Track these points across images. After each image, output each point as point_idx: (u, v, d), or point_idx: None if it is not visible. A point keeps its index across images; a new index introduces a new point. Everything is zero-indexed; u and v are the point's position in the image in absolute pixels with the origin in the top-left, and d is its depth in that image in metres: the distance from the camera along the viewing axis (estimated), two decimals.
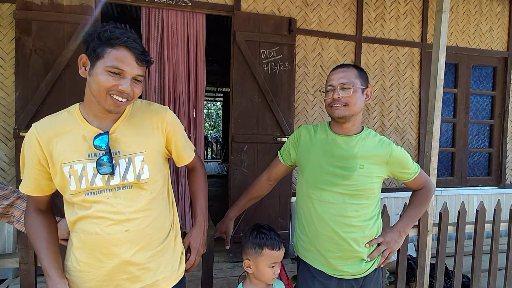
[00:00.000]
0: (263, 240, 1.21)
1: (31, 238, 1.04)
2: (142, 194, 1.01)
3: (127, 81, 0.93)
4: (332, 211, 1.23)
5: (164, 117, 1.08)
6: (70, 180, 0.95)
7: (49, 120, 1.01)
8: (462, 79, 3.61)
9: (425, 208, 1.43)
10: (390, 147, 1.29)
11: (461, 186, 3.66)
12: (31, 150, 0.98)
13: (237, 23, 2.80)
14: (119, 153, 0.99)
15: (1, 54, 2.45)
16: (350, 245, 1.23)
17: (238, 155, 2.85)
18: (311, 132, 1.35)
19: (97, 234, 0.96)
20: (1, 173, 2.49)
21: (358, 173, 1.23)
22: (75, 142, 0.97)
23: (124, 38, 0.91)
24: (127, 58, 0.92)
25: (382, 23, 3.30)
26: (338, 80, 1.23)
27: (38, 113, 2.39)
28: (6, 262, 1.42)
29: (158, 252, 1.05)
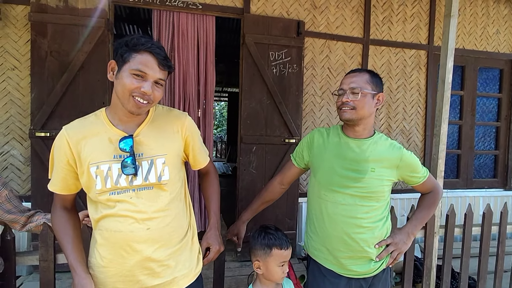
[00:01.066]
0: (271, 241, 1.24)
1: (58, 235, 1.11)
2: (162, 195, 1.06)
3: (149, 84, 0.99)
4: (343, 213, 1.26)
5: (184, 122, 1.15)
6: (96, 180, 1.01)
7: (78, 123, 1.08)
8: (469, 81, 3.62)
9: (433, 211, 1.46)
10: (401, 152, 1.32)
11: (466, 188, 3.68)
12: (60, 151, 1.04)
13: (246, 25, 2.84)
14: (142, 155, 1.05)
15: (17, 56, 2.51)
16: (359, 245, 1.26)
17: (247, 156, 2.89)
18: (324, 135, 1.39)
19: (120, 231, 1.01)
20: (17, 172, 2.55)
21: (369, 176, 1.26)
22: (102, 144, 1.03)
23: (149, 44, 0.99)
24: (150, 62, 0.99)
25: (390, 25, 3.32)
26: (349, 84, 1.27)
27: (53, 114, 2.45)
28: (26, 260, 1.46)
29: (176, 250, 1.10)
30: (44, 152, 2.44)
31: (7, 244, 1.36)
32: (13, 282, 1.40)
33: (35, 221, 1.38)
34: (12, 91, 2.51)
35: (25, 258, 1.46)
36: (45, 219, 1.39)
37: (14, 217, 1.31)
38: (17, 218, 1.32)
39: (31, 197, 2.47)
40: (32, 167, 2.46)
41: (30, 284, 2.44)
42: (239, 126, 2.94)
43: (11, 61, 2.50)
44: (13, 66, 2.50)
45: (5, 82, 2.50)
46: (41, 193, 2.46)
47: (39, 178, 2.46)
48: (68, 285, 2.44)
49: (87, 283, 1.04)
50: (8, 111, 2.50)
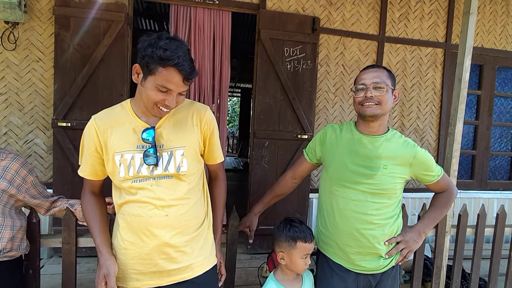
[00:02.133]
0: (296, 233, 1.26)
1: (86, 217, 1.19)
2: (181, 184, 1.12)
3: (173, 98, 1.03)
4: (354, 208, 1.27)
5: (204, 115, 1.18)
6: (120, 167, 1.07)
7: (106, 113, 1.14)
8: (487, 80, 3.55)
9: (446, 211, 1.44)
10: (415, 149, 1.31)
11: (481, 189, 3.63)
12: (90, 139, 1.11)
13: (262, 21, 2.87)
14: (162, 147, 1.10)
15: (41, 48, 2.61)
16: (369, 241, 1.27)
17: (259, 151, 2.93)
18: (337, 131, 1.39)
19: (140, 216, 1.07)
20: (40, 160, 2.67)
21: (382, 173, 1.26)
22: (127, 134, 1.09)
23: (175, 60, 0.96)
24: (175, 78, 1.00)
25: (406, 23, 3.29)
26: (372, 79, 1.25)
27: (74, 105, 2.54)
28: (50, 242, 1.54)
29: (193, 238, 1.14)
30: (66, 142, 2.54)
31: (33, 226, 1.44)
32: (37, 263, 1.48)
33: (58, 206, 1.45)
34: (36, 82, 2.61)
35: (49, 240, 1.54)
36: (68, 204, 1.45)
37: (39, 202, 1.38)
38: (42, 203, 1.39)
39: (53, 184, 2.58)
40: (54, 156, 2.57)
41: (51, 266, 2.56)
42: (252, 121, 2.97)
43: (36, 53, 2.60)
44: (38, 58, 2.61)
45: (30, 73, 2.60)
46: (62, 181, 2.57)
47: (60, 166, 2.56)
48: (85, 269, 2.55)
49: (111, 264, 1.10)
50: (33, 101, 2.61)
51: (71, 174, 2.57)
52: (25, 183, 1.30)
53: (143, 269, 1.10)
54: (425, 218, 1.42)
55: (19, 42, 2.56)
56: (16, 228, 1.29)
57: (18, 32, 2.55)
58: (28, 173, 1.32)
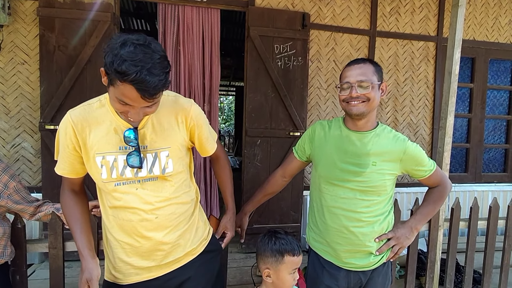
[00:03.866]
0: (283, 246, 1.16)
1: (67, 218, 1.14)
2: (166, 185, 1.09)
3: (136, 112, 0.93)
4: (343, 206, 1.26)
5: (188, 112, 1.12)
6: (102, 169, 1.02)
7: (83, 110, 1.05)
8: (479, 73, 3.54)
9: (439, 206, 1.41)
10: (405, 144, 1.27)
11: (475, 182, 3.63)
12: (66, 137, 1.04)
13: (251, 18, 2.83)
14: (146, 148, 1.05)
15: (26, 50, 2.57)
16: (359, 239, 1.25)
17: (252, 149, 2.91)
18: (325, 128, 1.37)
19: (131, 221, 1.05)
20: (28, 164, 2.63)
21: (371, 170, 1.23)
22: (108, 134, 1.03)
23: (132, 75, 0.82)
24: (133, 95, 0.87)
25: (397, 17, 3.27)
26: (356, 77, 1.20)
27: (62, 107, 2.50)
28: (36, 247, 1.52)
29: (185, 231, 1.15)
30: (54, 145, 2.49)
31: (18, 232, 1.42)
32: (24, 269, 1.45)
33: (44, 210, 1.42)
34: (22, 85, 2.57)
35: (36, 245, 1.52)
36: (53, 208, 1.43)
37: (23, 207, 1.35)
38: (26, 208, 1.36)
39: (42, 188, 2.55)
40: (43, 159, 2.53)
41: (42, 271, 2.53)
42: (244, 119, 2.95)
43: (21, 55, 2.56)
44: (23, 61, 2.56)
45: (16, 76, 2.56)
46: (52, 184, 2.54)
47: (49, 169, 2.52)
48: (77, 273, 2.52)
49: (94, 267, 1.08)
50: (19, 105, 2.57)
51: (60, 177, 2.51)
52: (7, 189, 1.28)
53: (142, 265, 1.10)
54: (417, 214, 1.39)
55: (3, 45, 2.51)
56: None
57: (3, 34, 2.51)
58: (10, 179, 1.29)
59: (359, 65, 1.23)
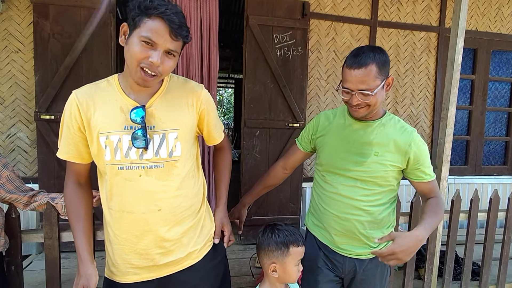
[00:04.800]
0: (287, 238, 1.13)
1: (69, 215, 1.07)
2: (173, 173, 1.01)
3: (157, 54, 0.89)
4: (343, 193, 1.24)
5: (199, 96, 1.07)
6: (106, 150, 0.96)
7: (89, 88, 1.00)
8: (481, 64, 3.50)
9: (441, 218, 1.23)
10: (412, 136, 1.20)
11: (475, 174, 3.61)
12: (71, 117, 0.98)
13: (250, 6, 2.78)
14: (153, 128, 0.99)
15: (20, 38, 2.51)
16: (355, 226, 1.23)
17: (250, 140, 2.88)
18: (330, 117, 1.34)
19: (131, 213, 0.98)
20: (24, 154, 2.60)
21: (372, 160, 1.19)
22: (113, 113, 0.97)
23: (162, 9, 0.87)
24: (161, 30, 0.88)
25: (399, 6, 3.21)
26: (356, 85, 1.11)
27: (57, 97, 2.46)
28: (31, 237, 1.50)
29: (190, 228, 1.07)
30: (50, 135, 2.47)
31: (12, 222, 1.39)
32: (19, 259, 1.43)
33: (38, 200, 1.40)
34: (16, 74, 2.52)
35: (30, 235, 1.50)
36: (48, 198, 1.40)
37: (16, 196, 1.32)
38: (19, 198, 1.33)
39: (38, 179, 2.52)
40: (39, 149, 2.50)
41: (39, 262, 2.51)
42: (243, 110, 2.91)
43: (15, 43, 2.50)
44: (17, 49, 2.51)
45: (10, 65, 2.51)
46: (48, 175, 2.51)
47: (46, 160, 2.50)
48: (75, 264, 2.51)
49: (92, 274, 1.03)
50: (14, 94, 2.53)
51: (56, 168, 2.50)
52: (0, 178, 1.25)
53: (140, 264, 1.03)
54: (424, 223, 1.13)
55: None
56: None
57: None
58: (2, 168, 1.26)
59: (360, 70, 1.09)
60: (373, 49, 1.13)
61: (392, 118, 1.26)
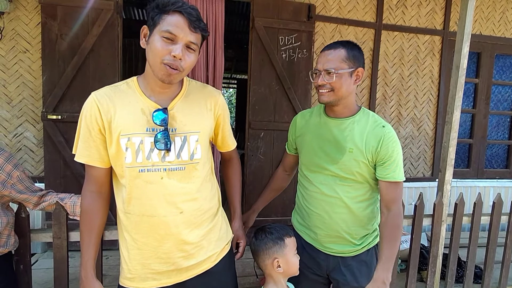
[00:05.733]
0: (279, 232, 1.20)
1: (83, 224, 1.04)
2: (194, 175, 1.02)
3: (179, 47, 0.91)
4: (323, 191, 1.25)
5: (217, 100, 1.10)
6: (126, 152, 0.95)
7: (109, 90, 1.00)
8: (484, 68, 3.51)
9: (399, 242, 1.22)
10: (383, 131, 1.18)
11: (477, 178, 3.62)
12: (92, 119, 0.96)
13: (256, 9, 2.79)
14: (175, 131, 0.99)
15: (28, 39, 2.53)
16: (338, 225, 1.25)
17: (255, 142, 2.89)
18: (306, 116, 1.37)
19: (152, 216, 0.98)
20: (31, 154, 2.61)
21: (347, 157, 1.20)
22: (134, 115, 0.97)
23: (179, 3, 0.92)
24: (180, 23, 0.91)
25: (404, 9, 3.22)
26: (323, 64, 1.16)
27: (64, 97, 2.48)
28: (40, 237, 1.52)
29: (209, 230, 1.08)
30: (56, 135, 2.49)
31: (22, 221, 1.41)
32: (28, 258, 1.45)
33: (47, 200, 1.41)
34: (24, 73, 2.54)
35: (40, 235, 1.52)
36: (57, 198, 1.42)
37: (27, 196, 1.33)
38: (29, 198, 1.34)
39: (45, 178, 2.53)
40: (45, 149, 2.52)
41: (45, 261, 2.53)
42: (247, 112, 2.93)
43: (23, 43, 2.52)
44: (25, 49, 2.53)
45: (17, 64, 2.53)
46: (54, 174, 2.53)
47: (52, 159, 2.51)
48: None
49: None
50: (21, 94, 2.54)
51: (63, 167, 2.52)
52: (11, 178, 1.26)
53: (160, 268, 1.02)
54: (383, 261, 1.17)
55: (4, 33, 2.47)
56: (3, 224, 1.25)
57: (4, 22, 2.47)
58: (13, 168, 1.28)
59: (329, 51, 1.17)
60: (347, 42, 1.20)
61: (367, 114, 1.26)
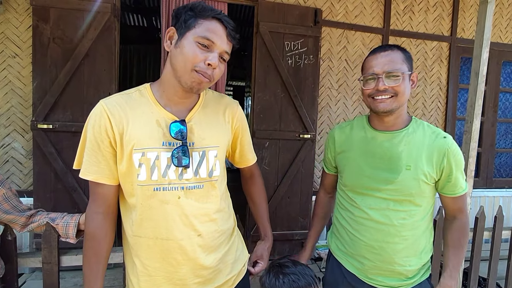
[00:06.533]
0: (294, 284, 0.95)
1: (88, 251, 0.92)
2: (213, 194, 0.93)
3: (215, 55, 0.84)
4: (374, 218, 1.09)
5: (235, 112, 1.01)
6: (140, 169, 0.84)
7: (120, 98, 0.89)
8: (492, 75, 3.44)
9: (465, 249, 1.15)
10: (446, 143, 1.05)
11: (486, 187, 3.52)
12: (101, 130, 0.85)
13: (261, 13, 2.68)
14: (193, 145, 0.89)
15: (18, 43, 2.37)
16: (390, 256, 1.09)
17: (259, 152, 2.75)
18: (346, 131, 1.21)
19: (168, 239, 0.87)
20: (19, 166, 2.42)
21: (405, 176, 1.05)
22: (149, 127, 0.86)
23: (218, 11, 0.86)
24: (219, 30, 0.85)
25: (411, 15, 3.14)
26: (383, 66, 1.02)
27: (56, 105, 2.31)
28: (28, 261, 1.37)
29: (226, 252, 0.98)
30: (47, 145, 2.31)
31: (8, 245, 1.27)
32: (15, 284, 1.30)
33: (37, 221, 1.27)
34: (13, 80, 2.37)
35: (28, 259, 1.37)
36: (48, 218, 1.27)
37: (13, 217, 1.19)
38: (16, 219, 1.20)
39: (34, 193, 2.35)
40: (34, 161, 2.33)
41: (33, 282, 2.34)
42: (251, 120, 2.79)
43: (12, 48, 2.35)
44: (14, 54, 2.36)
45: (6, 70, 2.36)
46: (44, 188, 2.34)
47: (41, 172, 2.33)
48: (72, 284, 2.33)
49: None
50: (9, 101, 2.37)
51: (53, 180, 2.34)
52: None
53: None
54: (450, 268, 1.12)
55: None
56: None
57: None
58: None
59: (386, 52, 1.04)
60: (396, 45, 1.10)
61: (421, 123, 1.12)
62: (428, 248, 1.16)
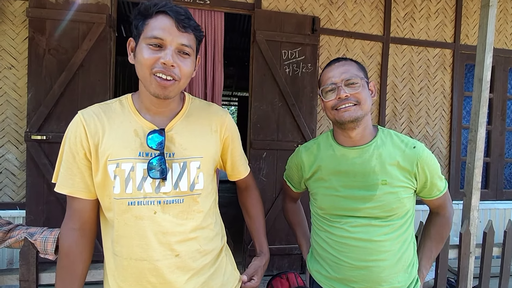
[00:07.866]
0: None
1: (61, 270, 0.86)
2: (194, 210, 0.86)
3: (169, 52, 0.78)
4: (356, 236, 1.01)
5: (224, 120, 0.95)
6: (115, 181, 0.80)
7: (98, 108, 0.86)
8: (498, 83, 3.33)
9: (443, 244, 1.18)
10: (417, 151, 1.02)
11: (496, 199, 3.37)
12: (76, 141, 0.82)
13: (257, 21, 2.65)
14: (173, 156, 0.84)
15: (14, 54, 2.37)
16: (379, 275, 1.01)
17: (257, 163, 2.68)
18: (312, 150, 1.13)
19: (142, 260, 0.80)
20: (12, 177, 2.40)
21: (382, 191, 0.99)
22: (125, 137, 0.82)
23: (162, 3, 0.80)
24: (166, 24, 0.78)
25: (412, 22, 3.08)
26: (340, 75, 1.00)
27: (50, 116, 2.29)
28: (5, 279, 1.31)
29: (211, 275, 0.89)
30: (40, 157, 2.28)
31: None
32: None
33: (15, 236, 1.22)
34: (8, 91, 2.37)
35: (4, 277, 1.31)
36: (26, 233, 1.22)
37: None
38: None
39: (26, 205, 2.31)
40: (28, 173, 2.30)
41: None
42: (249, 130, 2.73)
43: (8, 59, 2.36)
44: (10, 65, 2.37)
45: (1, 81, 2.36)
46: (37, 200, 2.30)
47: (35, 184, 2.30)
48: None
49: None
50: (4, 113, 2.36)
51: (46, 193, 2.30)
52: None
53: None
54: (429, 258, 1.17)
55: None
56: None
57: None
58: None
59: (340, 62, 1.05)
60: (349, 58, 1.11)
61: (388, 133, 1.09)
62: (415, 260, 1.10)
